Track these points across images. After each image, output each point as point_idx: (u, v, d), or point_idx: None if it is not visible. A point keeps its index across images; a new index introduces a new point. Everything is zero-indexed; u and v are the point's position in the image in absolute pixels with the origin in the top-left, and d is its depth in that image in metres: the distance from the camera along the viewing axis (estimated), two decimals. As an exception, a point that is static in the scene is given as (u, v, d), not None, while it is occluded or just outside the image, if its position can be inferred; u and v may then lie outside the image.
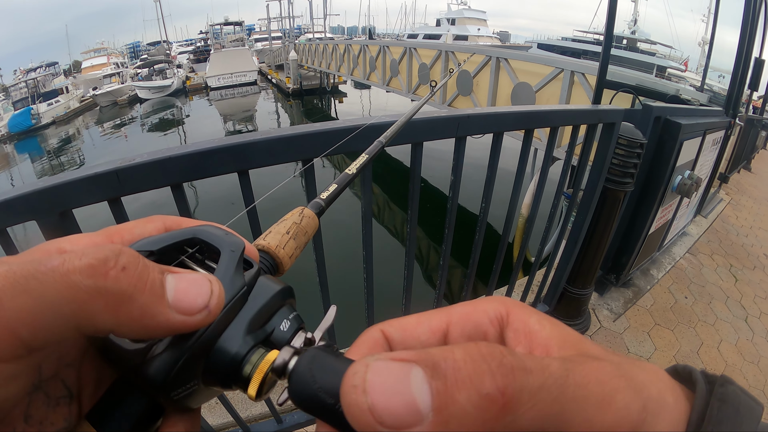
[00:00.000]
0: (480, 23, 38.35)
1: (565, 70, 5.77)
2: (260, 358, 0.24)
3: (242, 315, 0.26)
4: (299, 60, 24.25)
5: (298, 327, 0.28)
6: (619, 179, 2.06)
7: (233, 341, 0.25)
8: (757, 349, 2.89)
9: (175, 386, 0.23)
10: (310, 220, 0.40)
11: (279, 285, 0.28)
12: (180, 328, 0.21)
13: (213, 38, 40.78)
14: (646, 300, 3.07)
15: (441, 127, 1.26)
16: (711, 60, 6.12)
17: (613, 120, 1.83)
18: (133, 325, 0.20)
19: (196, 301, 0.21)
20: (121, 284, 0.19)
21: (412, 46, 9.68)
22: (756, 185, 7.37)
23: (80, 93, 28.94)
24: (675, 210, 3.13)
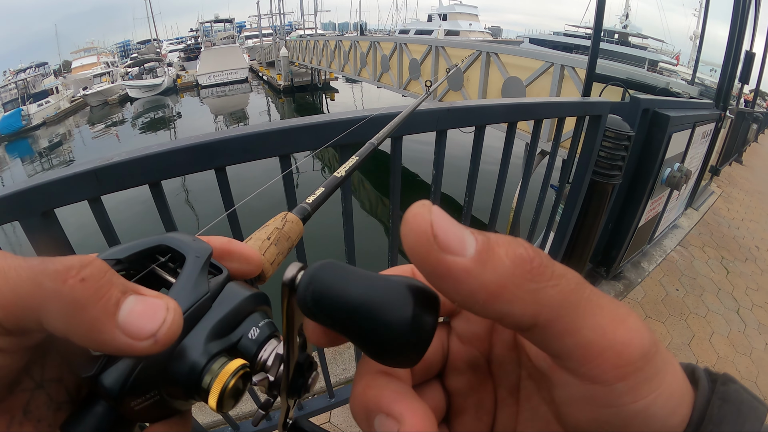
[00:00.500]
0: (472, 18, 38.31)
1: (555, 64, 5.73)
2: (221, 367, 0.23)
3: (204, 322, 0.24)
4: (290, 57, 24.11)
5: (271, 334, 0.27)
6: (607, 172, 2.04)
7: (193, 350, 0.23)
8: (749, 341, 2.89)
9: (132, 396, 0.22)
10: (293, 225, 0.38)
11: (249, 291, 0.27)
12: (125, 351, 0.20)
13: (204, 36, 40.47)
14: (637, 293, 3.05)
15: (421, 121, 1.23)
16: (702, 54, 6.14)
17: (600, 112, 1.80)
18: (82, 334, 0.20)
19: (144, 327, 0.20)
20: (76, 293, 0.19)
21: (403, 41, 9.60)
22: (748, 178, 7.39)
23: (70, 93, 28.49)
24: (665, 203, 3.11)
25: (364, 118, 1.08)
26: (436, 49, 8.16)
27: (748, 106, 8.41)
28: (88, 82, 30.00)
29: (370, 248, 3.92)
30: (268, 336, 0.26)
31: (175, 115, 24.70)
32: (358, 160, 0.55)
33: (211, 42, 37.19)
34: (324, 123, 1.10)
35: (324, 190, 0.44)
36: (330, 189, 0.45)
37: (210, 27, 41.65)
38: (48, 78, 33.04)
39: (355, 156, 0.55)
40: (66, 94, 27.96)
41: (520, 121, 1.44)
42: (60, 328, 0.20)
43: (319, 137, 1.09)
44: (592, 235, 2.23)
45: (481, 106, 1.33)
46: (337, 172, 0.50)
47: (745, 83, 5.42)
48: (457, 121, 1.29)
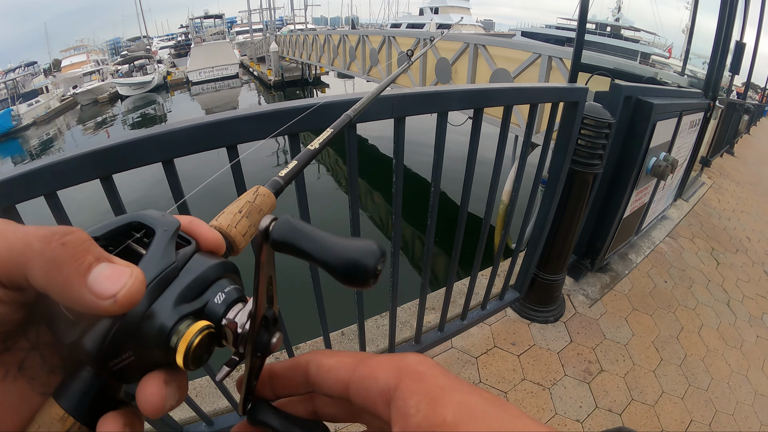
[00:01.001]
0: (463, 12, 38.21)
1: (543, 55, 5.66)
2: (186, 327, 0.25)
3: (172, 288, 0.26)
4: (280, 52, 23.95)
5: (237, 299, 0.28)
6: (587, 161, 1.95)
7: (161, 313, 0.25)
8: (740, 333, 2.82)
9: (109, 357, 0.24)
10: (265, 198, 0.39)
11: (215, 260, 0.29)
12: (90, 307, 0.23)
13: (194, 32, 40.15)
14: (624, 285, 2.97)
15: (376, 107, 1.13)
16: (694, 47, 6.07)
17: (576, 98, 1.71)
18: (57, 289, 0.22)
19: (107, 289, 0.22)
20: (56, 254, 0.22)
21: (391, 34, 9.51)
22: (739, 169, 7.35)
23: (60, 92, 28.20)
24: (652, 193, 3.03)
25: (313, 105, 1.02)
26: (424, 42, 8.06)
27: (739, 98, 8.37)
28: (77, 81, 29.73)
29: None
30: (235, 300, 0.28)
31: (165, 112, 24.45)
32: (332, 132, 0.54)
33: (201, 38, 36.86)
34: (271, 112, 1.06)
35: (297, 164, 0.44)
36: (303, 162, 0.45)
37: (200, 23, 41.31)
38: (38, 77, 32.75)
39: (330, 128, 0.54)
40: (56, 93, 27.66)
41: (486, 107, 1.34)
42: (41, 283, 0.22)
43: (266, 126, 1.05)
44: (574, 226, 2.14)
45: (441, 91, 1.23)
46: (311, 145, 0.49)
47: (735, 74, 5.35)
48: (416, 107, 1.20)
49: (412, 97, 1.19)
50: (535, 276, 2.34)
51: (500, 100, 1.42)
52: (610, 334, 2.50)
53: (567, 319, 2.54)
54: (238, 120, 1.03)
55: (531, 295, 2.42)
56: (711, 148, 5.96)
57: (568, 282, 2.83)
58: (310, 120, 1.00)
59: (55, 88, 28.34)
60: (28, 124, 23.85)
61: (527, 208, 2.08)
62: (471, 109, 1.35)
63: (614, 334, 2.51)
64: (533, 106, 1.54)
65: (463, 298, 2.12)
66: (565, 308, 2.58)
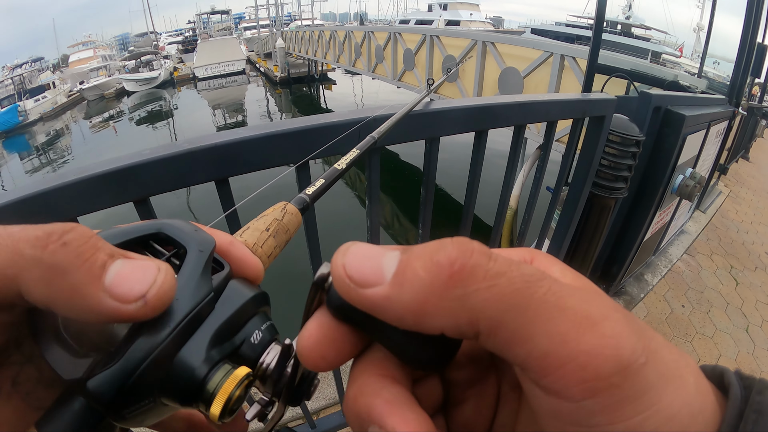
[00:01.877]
0: (472, 8, 37.76)
1: (555, 54, 5.40)
2: (226, 376, 0.22)
3: (207, 325, 0.22)
4: (287, 48, 23.68)
5: (271, 338, 0.25)
6: (610, 184, 1.73)
7: (195, 355, 0.21)
8: (758, 363, 2.61)
9: (125, 405, 0.20)
10: (292, 217, 0.37)
11: (252, 291, 0.25)
12: (113, 316, 0.19)
13: (202, 27, 40.04)
14: (639, 310, 2.75)
15: (344, 130, 0.92)
16: (708, 45, 5.81)
17: (602, 112, 1.47)
18: (64, 301, 0.19)
19: (133, 289, 0.19)
20: (57, 258, 0.19)
21: (397, 31, 9.25)
22: (754, 175, 7.06)
23: (67, 88, 28.16)
24: (674, 212, 2.80)
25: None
26: (431, 38, 7.82)
27: (754, 101, 8.07)
28: (85, 76, 29.72)
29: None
30: (270, 340, 0.25)
31: (172, 108, 24.33)
32: (358, 153, 0.54)
33: (208, 34, 36.78)
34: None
35: (324, 182, 0.44)
36: (330, 180, 0.45)
37: (207, 19, 41.19)
38: (44, 73, 32.78)
39: (355, 149, 0.55)
40: (63, 88, 27.65)
41: (491, 128, 1.13)
42: (41, 298, 0.19)
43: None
44: (591, 252, 1.93)
45: (427, 111, 1.01)
46: (338, 164, 0.50)
47: (756, 77, 5.08)
48: (395, 135, 0.98)
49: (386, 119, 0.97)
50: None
51: (509, 119, 1.19)
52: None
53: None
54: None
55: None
56: (729, 155, 5.70)
57: (579, 307, 2.62)
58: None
59: (62, 84, 28.32)
60: (35, 120, 23.82)
61: (524, 215, 1.80)
62: (469, 132, 1.13)
63: (628, 368, 2.29)
64: (551, 122, 1.32)
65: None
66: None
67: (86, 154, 17.35)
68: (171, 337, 0.20)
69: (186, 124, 20.02)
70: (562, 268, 0.22)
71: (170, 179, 0.79)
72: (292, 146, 0.88)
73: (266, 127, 0.86)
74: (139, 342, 0.20)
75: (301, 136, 0.88)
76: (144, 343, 0.20)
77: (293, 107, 21.61)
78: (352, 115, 0.92)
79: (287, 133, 0.86)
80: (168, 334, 0.20)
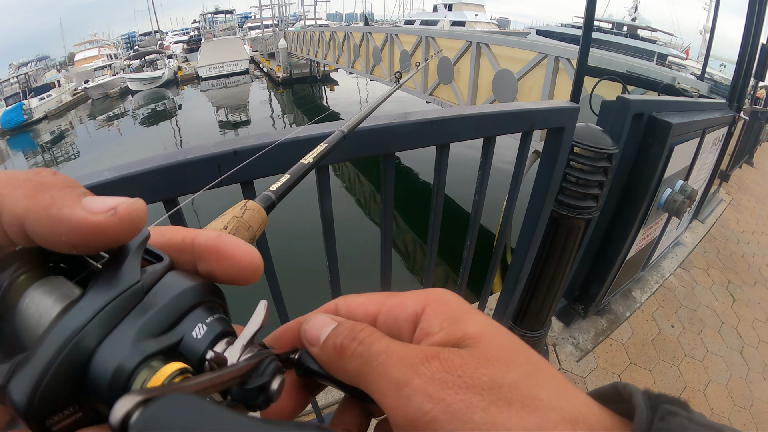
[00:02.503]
0: (478, 9, 37.56)
1: (549, 56, 5.22)
2: (152, 372, 0.19)
3: (133, 317, 0.20)
4: (289, 48, 23.65)
5: (222, 332, 0.22)
6: (578, 203, 1.54)
7: (117, 351, 0.19)
8: (751, 390, 2.42)
9: (45, 413, 0.17)
10: (254, 213, 0.35)
11: (193, 280, 0.23)
12: (83, 226, 0.19)
13: (207, 27, 40.12)
14: (623, 331, 2.56)
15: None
16: (712, 48, 5.59)
17: (560, 123, 1.29)
18: (40, 212, 0.19)
19: (105, 203, 0.20)
20: (45, 179, 0.20)
21: (393, 32, 9.09)
22: (758, 182, 6.82)
23: (72, 86, 28.43)
24: (663, 226, 2.60)
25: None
26: (426, 39, 7.65)
27: (757, 104, 7.80)
28: (89, 75, 30.02)
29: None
30: (219, 334, 0.22)
31: (175, 107, 24.36)
32: (327, 146, 0.54)
33: (212, 34, 36.80)
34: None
35: (289, 177, 0.42)
36: (296, 176, 0.44)
37: (211, 18, 41.25)
38: (50, 71, 33.00)
39: (324, 143, 0.54)
40: (68, 87, 27.89)
41: (401, 150, 0.96)
42: (19, 210, 0.19)
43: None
44: (559, 277, 1.74)
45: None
46: (305, 159, 0.48)
47: (760, 80, 4.86)
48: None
49: (299, 142, 0.82)
50: (510, 330, 1.94)
51: (423, 139, 1.02)
52: (600, 396, 2.11)
53: (551, 377, 2.14)
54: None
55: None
56: (731, 161, 5.48)
57: (556, 327, 2.43)
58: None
59: (67, 83, 28.59)
60: (40, 118, 24.02)
61: (500, 229, 1.63)
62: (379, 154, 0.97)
63: (605, 397, 2.11)
64: (488, 139, 1.14)
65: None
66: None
67: (91, 152, 17.51)
68: (87, 327, 0.18)
69: (190, 123, 20.19)
70: (442, 319, 0.25)
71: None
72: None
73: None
74: (53, 335, 0.18)
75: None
76: (57, 336, 0.18)
77: (295, 107, 21.53)
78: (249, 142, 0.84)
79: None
80: (83, 325, 0.18)
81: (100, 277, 0.20)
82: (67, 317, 0.19)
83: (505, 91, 5.98)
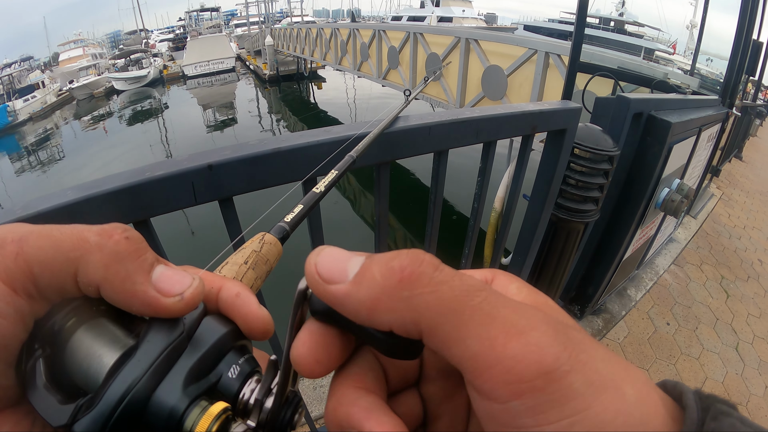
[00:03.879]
0: (465, 4, 37.35)
1: (539, 52, 5.18)
2: (202, 412, 0.22)
3: (181, 364, 0.23)
4: (275, 45, 23.37)
5: (251, 371, 0.25)
6: (577, 206, 1.49)
7: (171, 394, 0.22)
8: (747, 385, 2.42)
9: None
10: (271, 247, 0.36)
11: (227, 326, 0.25)
12: (154, 305, 0.22)
13: (193, 25, 39.65)
14: (619, 330, 2.54)
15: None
16: (701, 42, 5.59)
17: (562, 125, 1.24)
18: (117, 284, 0.22)
19: (174, 287, 0.22)
20: (119, 247, 0.22)
21: (381, 28, 8.99)
22: (747, 176, 6.87)
23: (57, 87, 27.81)
24: (659, 225, 2.58)
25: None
26: (414, 36, 7.56)
27: (746, 98, 7.86)
28: (74, 75, 29.38)
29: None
30: (249, 373, 0.25)
31: (162, 106, 24.04)
32: (337, 174, 0.54)
33: (198, 31, 36.35)
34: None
35: (303, 207, 0.43)
36: (309, 206, 0.44)
37: (197, 16, 40.78)
38: (34, 72, 32.42)
39: (333, 170, 0.54)
40: (53, 88, 27.33)
41: (399, 158, 0.90)
42: (97, 277, 0.21)
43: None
44: (558, 276, 1.70)
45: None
46: (316, 188, 0.48)
47: (751, 75, 4.86)
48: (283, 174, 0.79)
49: (285, 153, 0.76)
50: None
51: (415, 147, 0.96)
52: (598, 398, 2.08)
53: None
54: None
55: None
56: (721, 157, 5.50)
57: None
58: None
59: (51, 83, 28.04)
60: (24, 120, 23.54)
61: (501, 226, 1.56)
62: (375, 163, 0.91)
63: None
64: (487, 145, 1.09)
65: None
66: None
67: (77, 154, 17.21)
68: (145, 377, 0.21)
69: (176, 122, 19.86)
70: (519, 285, 0.23)
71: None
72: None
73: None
74: (116, 384, 0.21)
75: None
76: (120, 385, 0.21)
77: (283, 105, 21.28)
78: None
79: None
80: (141, 375, 0.21)
81: (151, 328, 0.23)
82: (127, 368, 0.21)
83: (495, 88, 5.93)
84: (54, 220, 0.58)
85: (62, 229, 0.22)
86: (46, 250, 0.21)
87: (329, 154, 0.79)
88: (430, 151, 0.97)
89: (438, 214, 1.12)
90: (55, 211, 0.63)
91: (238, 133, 16.96)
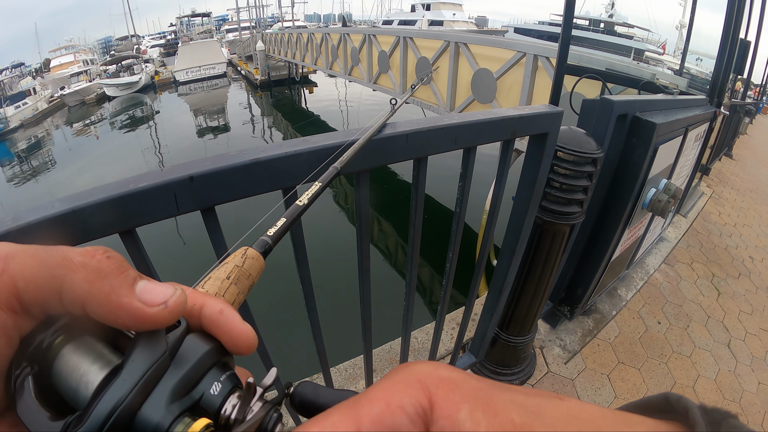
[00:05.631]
0: (455, 8, 37.55)
1: (528, 54, 5.19)
2: (185, 429, 0.22)
3: (164, 382, 0.24)
4: (267, 50, 23.38)
5: (232, 387, 0.26)
6: (562, 209, 1.50)
7: (155, 411, 0.23)
8: (740, 382, 2.42)
9: None
10: (254, 262, 0.36)
11: (208, 344, 0.26)
12: (140, 315, 0.23)
13: (184, 30, 39.58)
14: (610, 330, 2.54)
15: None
16: (689, 42, 5.63)
17: (544, 129, 1.25)
18: (102, 298, 0.22)
19: (157, 297, 0.23)
20: (102, 264, 0.23)
21: (371, 33, 8.99)
22: (738, 174, 6.93)
23: (48, 93, 27.77)
24: (647, 225, 2.59)
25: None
26: (404, 40, 7.57)
27: (735, 97, 7.93)
28: (65, 82, 29.21)
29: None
30: (231, 389, 0.25)
31: (153, 112, 23.97)
32: (321, 186, 0.54)
33: (189, 37, 36.29)
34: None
35: (285, 221, 0.43)
36: (292, 219, 0.44)
37: (188, 21, 40.72)
38: (25, 79, 32.22)
39: (317, 182, 0.54)
40: (44, 94, 27.26)
41: (382, 165, 0.90)
42: (82, 293, 0.22)
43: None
44: (543, 283, 1.70)
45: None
46: (299, 200, 0.48)
47: (739, 74, 4.89)
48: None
49: (265, 163, 0.76)
50: (497, 336, 1.90)
51: (402, 153, 0.95)
52: (589, 397, 2.09)
53: (536, 380, 2.12)
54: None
55: (492, 354, 1.98)
56: (711, 155, 5.53)
57: (542, 330, 2.40)
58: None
59: (43, 90, 27.98)
60: (16, 127, 23.41)
61: (485, 229, 1.50)
62: (359, 171, 0.90)
63: (593, 398, 2.10)
64: (467, 150, 1.09)
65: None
66: (535, 367, 2.15)
67: (68, 161, 17.14)
68: (130, 395, 0.22)
69: (168, 128, 19.80)
70: (470, 410, 0.19)
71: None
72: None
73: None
74: (103, 402, 0.21)
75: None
76: (107, 403, 0.21)
77: (275, 110, 21.26)
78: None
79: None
80: (127, 393, 0.21)
81: (136, 346, 0.23)
82: (113, 387, 0.22)
83: (485, 91, 5.94)
84: (43, 231, 0.65)
85: (47, 248, 0.22)
86: (32, 267, 0.21)
87: (310, 164, 0.81)
88: (408, 159, 0.97)
89: (420, 219, 1.12)
90: (44, 222, 0.65)
91: (230, 138, 16.96)
